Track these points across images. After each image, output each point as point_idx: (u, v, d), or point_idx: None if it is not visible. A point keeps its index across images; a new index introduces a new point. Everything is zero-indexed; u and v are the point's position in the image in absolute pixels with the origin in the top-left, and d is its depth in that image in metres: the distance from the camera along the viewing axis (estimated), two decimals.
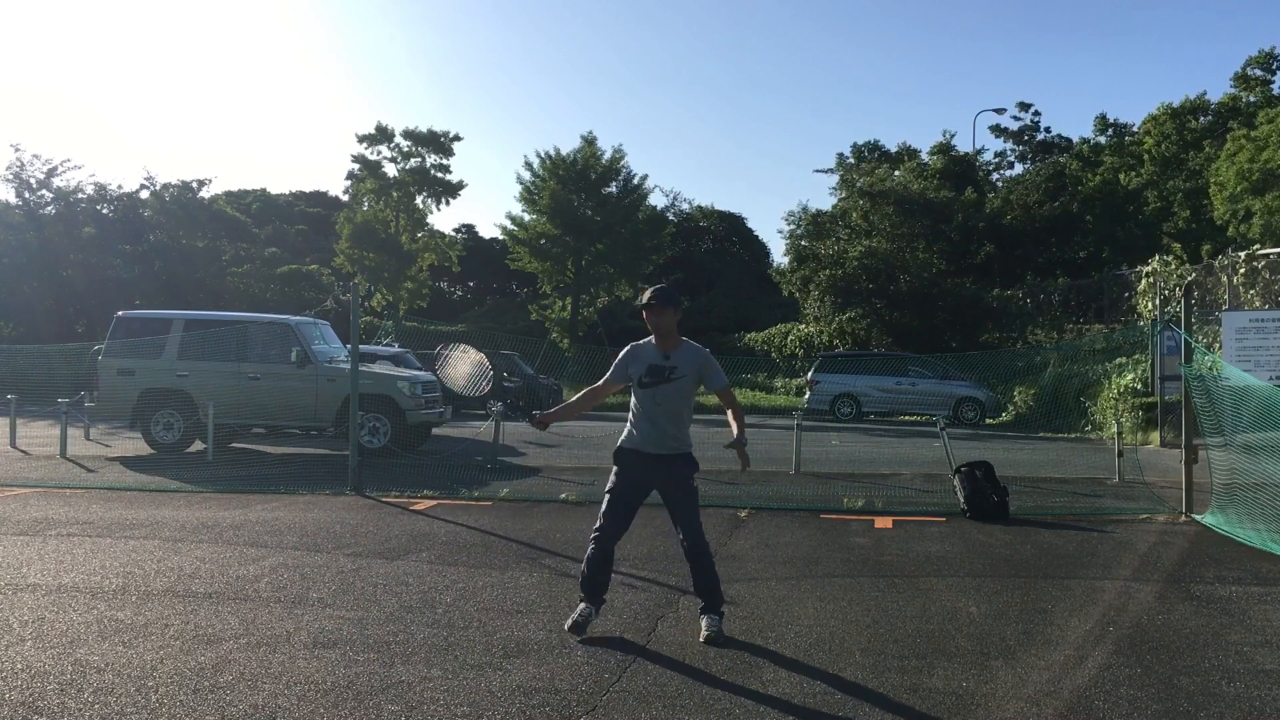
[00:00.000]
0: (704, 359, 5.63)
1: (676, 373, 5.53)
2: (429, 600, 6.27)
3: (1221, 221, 30.49)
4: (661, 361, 5.56)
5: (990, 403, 24.92)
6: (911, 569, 7.37)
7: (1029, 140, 49.07)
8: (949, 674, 4.89)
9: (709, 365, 5.62)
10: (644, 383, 5.56)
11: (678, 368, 5.54)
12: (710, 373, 5.61)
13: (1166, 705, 4.49)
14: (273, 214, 59.93)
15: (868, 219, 35.62)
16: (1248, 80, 39.67)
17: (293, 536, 8.41)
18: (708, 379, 5.61)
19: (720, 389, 5.67)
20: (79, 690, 4.54)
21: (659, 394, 5.53)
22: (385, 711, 4.32)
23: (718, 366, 5.67)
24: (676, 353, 5.58)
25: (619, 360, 5.70)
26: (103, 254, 37.62)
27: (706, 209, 62.65)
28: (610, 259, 40.71)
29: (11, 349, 26.11)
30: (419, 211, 45.52)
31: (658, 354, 5.59)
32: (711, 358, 5.67)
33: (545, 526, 9.03)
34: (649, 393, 5.55)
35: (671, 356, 5.57)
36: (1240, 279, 21.33)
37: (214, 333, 15.75)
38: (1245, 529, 8.62)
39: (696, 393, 5.70)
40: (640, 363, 5.60)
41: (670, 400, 5.54)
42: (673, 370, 5.53)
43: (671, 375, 5.53)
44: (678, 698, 4.53)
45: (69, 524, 8.93)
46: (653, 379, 5.54)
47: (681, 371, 5.54)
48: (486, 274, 62.27)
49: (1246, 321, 10.86)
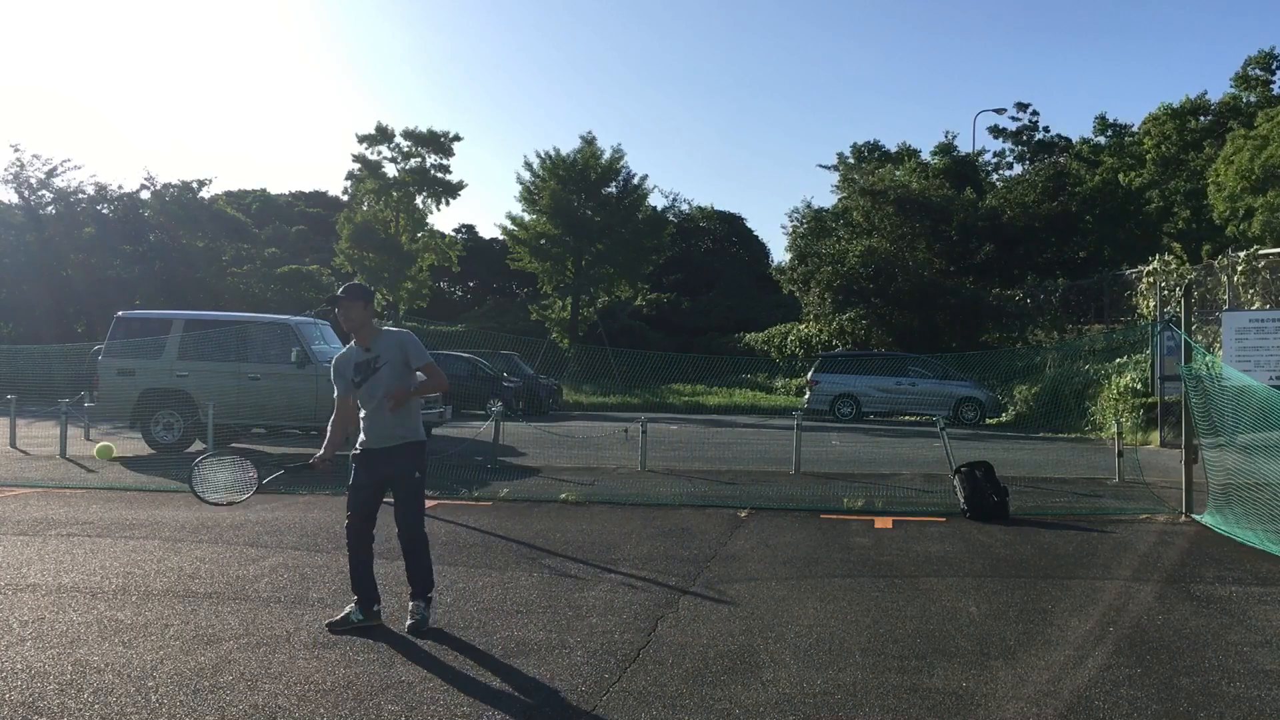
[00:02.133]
0: (404, 340, 5.73)
1: (380, 360, 5.64)
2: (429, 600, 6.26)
3: (1221, 221, 30.48)
4: (364, 356, 5.68)
5: (990, 403, 24.91)
6: (911, 569, 7.37)
7: (1028, 140, 49.06)
8: (949, 674, 4.89)
9: (410, 345, 5.72)
10: (357, 382, 5.67)
11: (380, 356, 5.65)
12: (413, 351, 5.70)
13: (1166, 705, 4.49)
14: (273, 214, 59.92)
15: (868, 218, 35.62)
16: (1248, 80, 39.65)
17: (293, 536, 8.41)
18: (413, 357, 5.69)
19: (425, 365, 5.73)
20: (79, 690, 4.54)
21: (373, 387, 5.62)
22: (385, 711, 4.32)
23: (420, 345, 5.77)
24: (376, 342, 5.69)
25: (332, 375, 5.82)
26: (103, 254, 37.61)
27: (706, 209, 62.65)
28: (610, 259, 40.71)
29: (11, 349, 26.10)
30: (419, 211, 45.48)
31: (359, 350, 5.71)
32: (413, 337, 5.80)
33: (545, 526, 9.03)
34: (366, 389, 5.64)
35: (372, 347, 5.68)
36: (1240, 279, 21.32)
37: (214, 333, 15.75)
38: (1244, 529, 8.62)
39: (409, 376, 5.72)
40: (348, 365, 5.72)
41: (384, 389, 5.59)
42: (376, 359, 5.64)
43: (377, 365, 5.63)
44: (678, 698, 4.53)
45: (69, 524, 8.93)
46: (362, 375, 5.65)
47: (385, 358, 5.64)
48: (486, 274, 62.27)
49: (1246, 322, 10.83)
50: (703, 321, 49.91)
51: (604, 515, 9.71)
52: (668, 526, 9.04)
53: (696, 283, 53.96)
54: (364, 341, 5.70)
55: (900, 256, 33.59)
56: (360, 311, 5.66)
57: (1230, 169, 29.44)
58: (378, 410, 5.62)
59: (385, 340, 5.71)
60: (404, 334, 5.80)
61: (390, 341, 5.71)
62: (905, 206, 34.61)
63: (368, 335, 5.70)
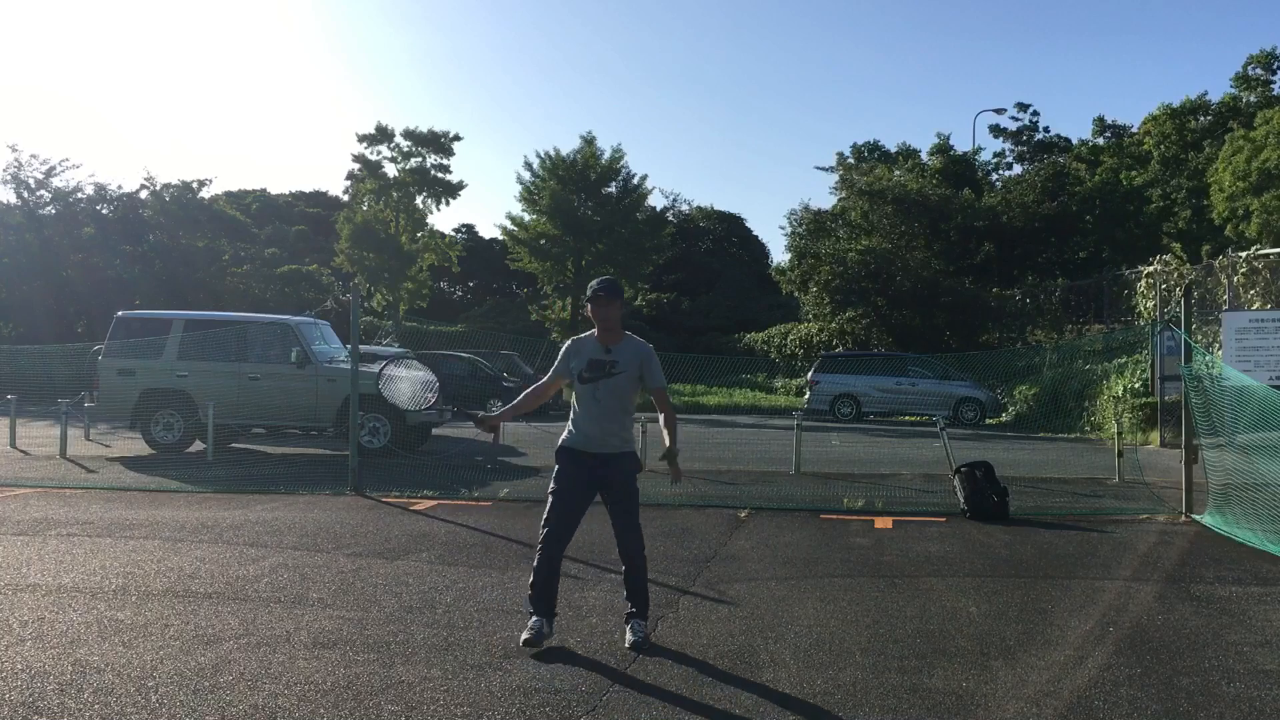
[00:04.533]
0: (646, 354, 5.46)
1: (617, 367, 5.37)
2: (429, 600, 6.27)
3: (1221, 221, 30.48)
4: (603, 356, 5.39)
5: (990, 403, 24.91)
6: (911, 569, 7.37)
7: (1027, 140, 49.08)
8: (949, 674, 4.89)
9: (651, 361, 5.45)
10: (584, 378, 5.38)
11: (619, 362, 5.38)
12: (651, 370, 5.44)
13: (1166, 705, 4.49)
14: (273, 214, 59.93)
15: (867, 218, 35.61)
16: (1248, 80, 39.66)
17: (293, 536, 8.41)
18: (648, 376, 5.43)
19: (657, 389, 5.48)
20: (79, 690, 4.54)
21: (599, 389, 5.36)
22: (385, 711, 4.32)
23: (659, 365, 5.50)
24: (618, 347, 5.42)
25: (561, 355, 5.51)
26: (103, 254, 37.60)
27: (706, 209, 62.69)
28: (610, 259, 40.72)
29: (11, 349, 26.09)
30: (419, 211, 45.51)
31: (599, 348, 5.41)
32: (654, 354, 5.50)
33: None
34: (589, 388, 5.38)
35: (613, 351, 5.40)
36: (1240, 279, 21.31)
37: (214, 333, 15.74)
38: (1243, 529, 8.62)
39: (639, 392, 5.55)
40: (581, 357, 5.43)
41: (611, 396, 5.37)
42: (614, 364, 5.37)
43: (613, 370, 5.37)
44: (678, 698, 4.53)
45: (69, 524, 8.93)
46: (593, 374, 5.37)
47: (623, 366, 5.38)
48: (486, 274, 62.31)
49: (1246, 322, 10.84)
50: (703, 321, 49.91)
51: (604, 515, 9.68)
52: (668, 526, 9.04)
53: (696, 283, 53.97)
54: (609, 341, 5.41)
55: (899, 256, 33.59)
56: (616, 310, 5.40)
57: (1228, 170, 29.45)
58: (602, 414, 5.37)
59: (628, 347, 5.43)
60: (648, 349, 5.51)
61: (632, 351, 5.43)
62: (904, 206, 34.61)
63: (615, 338, 5.42)
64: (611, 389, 5.37)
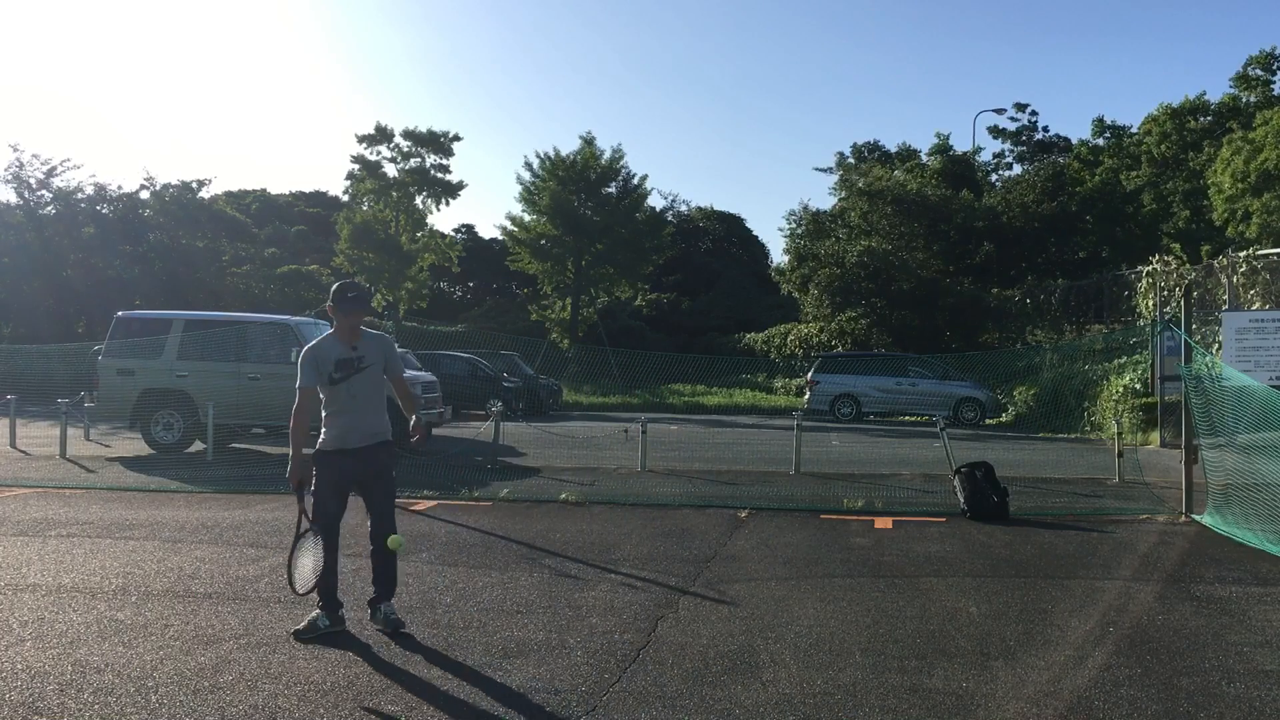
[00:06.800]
0: (388, 345, 5.76)
1: (365, 361, 5.60)
2: (429, 600, 6.27)
3: (1221, 222, 30.49)
4: (349, 354, 5.59)
5: (990, 403, 24.91)
6: (911, 569, 7.37)
7: (1027, 140, 49.10)
8: (949, 674, 4.89)
9: (393, 352, 5.76)
10: (335, 379, 5.55)
11: (365, 356, 5.61)
12: (393, 360, 5.74)
13: (1166, 705, 4.49)
14: (273, 214, 59.88)
15: (866, 219, 35.60)
16: (1248, 80, 39.66)
17: (292, 537, 8.39)
18: (390, 365, 5.72)
19: (398, 376, 5.78)
20: (79, 690, 4.54)
21: (353, 385, 5.57)
22: (385, 711, 4.32)
23: (398, 354, 5.81)
24: (360, 343, 5.64)
25: (303, 366, 5.53)
26: (103, 254, 37.62)
27: (706, 209, 62.69)
28: (610, 259, 40.73)
29: (11, 349, 26.10)
30: (419, 212, 45.47)
31: (343, 347, 5.60)
32: (395, 344, 5.82)
33: (545, 527, 9.02)
34: (343, 387, 5.56)
35: (358, 347, 5.62)
36: (1240, 279, 21.31)
37: (214, 333, 15.74)
38: (1243, 529, 8.62)
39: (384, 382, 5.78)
40: (327, 360, 5.57)
41: (365, 389, 5.60)
42: (361, 359, 5.60)
43: (361, 365, 5.59)
44: (678, 698, 4.53)
45: (69, 524, 8.93)
46: (343, 373, 5.56)
47: (370, 360, 5.62)
48: (486, 274, 62.25)
49: (1246, 322, 10.83)
50: (703, 322, 49.92)
51: (604, 515, 9.71)
52: (668, 527, 9.04)
53: (696, 283, 53.98)
54: (351, 339, 5.61)
55: (899, 257, 33.58)
56: (364, 315, 5.67)
57: (1227, 172, 29.45)
58: (360, 408, 5.57)
59: (370, 341, 5.67)
60: (387, 340, 5.80)
61: (375, 344, 5.69)
62: (904, 207, 34.61)
63: (356, 335, 5.63)
64: (364, 382, 5.61)
